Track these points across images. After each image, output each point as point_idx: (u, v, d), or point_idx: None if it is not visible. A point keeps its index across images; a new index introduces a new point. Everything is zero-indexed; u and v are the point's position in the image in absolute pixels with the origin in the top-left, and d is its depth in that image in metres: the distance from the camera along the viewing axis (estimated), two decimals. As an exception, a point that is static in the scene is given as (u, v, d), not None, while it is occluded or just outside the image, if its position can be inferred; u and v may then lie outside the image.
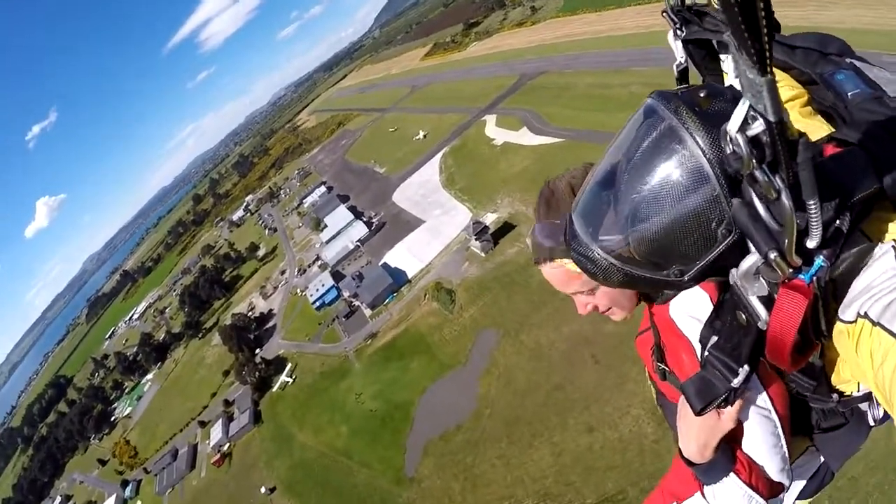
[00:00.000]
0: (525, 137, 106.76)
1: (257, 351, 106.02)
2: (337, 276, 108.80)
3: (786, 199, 1.13)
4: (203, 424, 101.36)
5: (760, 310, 1.44)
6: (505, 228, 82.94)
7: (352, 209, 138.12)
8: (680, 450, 2.12)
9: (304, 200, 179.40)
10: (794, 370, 1.69)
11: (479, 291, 75.38)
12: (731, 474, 1.96)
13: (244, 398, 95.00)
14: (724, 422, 1.94)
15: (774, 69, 1.74)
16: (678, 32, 2.38)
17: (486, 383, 61.86)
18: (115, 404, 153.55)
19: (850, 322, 1.41)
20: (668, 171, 1.40)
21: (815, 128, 1.85)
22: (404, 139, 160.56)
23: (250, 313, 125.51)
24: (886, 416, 2.22)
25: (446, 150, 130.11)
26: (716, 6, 1.79)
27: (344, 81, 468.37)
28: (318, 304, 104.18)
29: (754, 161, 1.12)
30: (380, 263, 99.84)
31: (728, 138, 1.15)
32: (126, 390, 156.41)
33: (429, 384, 67.82)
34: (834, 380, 1.87)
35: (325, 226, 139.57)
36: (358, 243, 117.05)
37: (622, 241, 1.57)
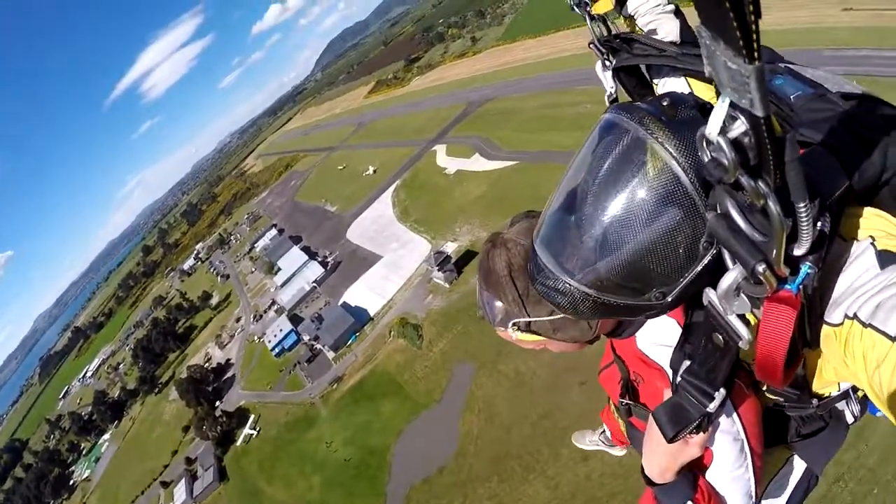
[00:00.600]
0: (478, 163, 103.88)
1: (217, 404, 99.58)
2: (295, 319, 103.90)
3: (773, 205, 1.02)
4: (165, 485, 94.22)
5: (742, 329, 1.33)
6: (467, 256, 78.37)
7: (305, 250, 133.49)
8: (643, 467, 2.05)
9: (255, 245, 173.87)
10: (784, 386, 1.62)
11: (447, 324, 71.04)
12: (689, 503, 1.85)
13: (207, 455, 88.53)
14: (690, 448, 1.81)
15: (706, 85, 1.99)
16: (606, 63, 2.54)
17: (467, 420, 57.34)
18: (73, 467, 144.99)
19: (837, 324, 1.36)
20: (640, 186, 1.32)
21: None
22: (354, 176, 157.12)
23: (207, 364, 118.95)
24: (864, 412, 2.21)
25: (398, 183, 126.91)
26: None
27: (289, 125, 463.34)
28: (277, 350, 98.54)
29: (736, 166, 0.98)
30: (339, 303, 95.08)
31: (705, 143, 1.02)
32: (83, 452, 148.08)
33: (404, 426, 63.00)
34: (816, 385, 1.79)
35: (279, 269, 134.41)
36: (314, 284, 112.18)
37: (595, 269, 1.45)
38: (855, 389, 1.95)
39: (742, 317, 1.32)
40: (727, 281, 1.24)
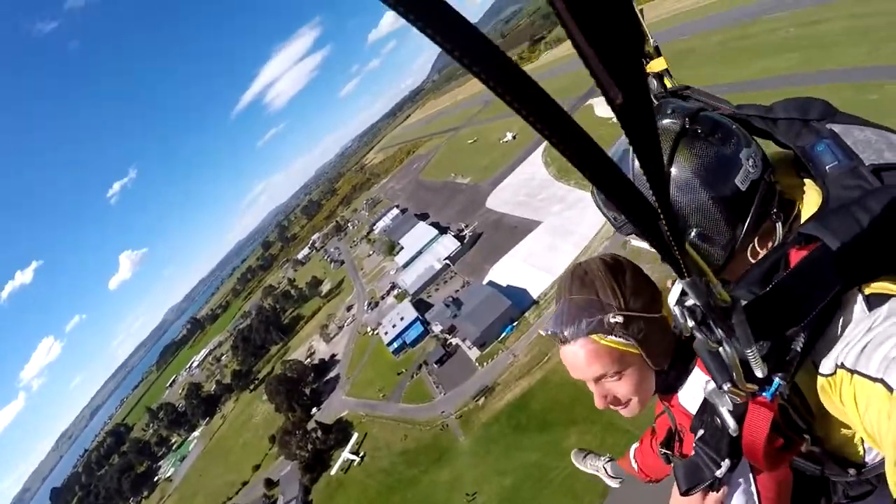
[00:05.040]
0: (653, 106, 79.62)
1: (313, 411, 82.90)
2: (421, 305, 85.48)
3: (727, 347, 1.24)
4: (240, 512, 78.41)
5: (730, 421, 1.53)
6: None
7: (434, 225, 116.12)
8: None
9: (374, 227, 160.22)
10: (774, 469, 1.75)
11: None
12: None
13: (291, 480, 70.45)
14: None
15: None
16: None
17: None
18: (161, 462, 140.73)
19: (830, 374, 1.44)
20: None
21: (801, 191, 1.88)
22: (488, 146, 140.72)
23: (308, 360, 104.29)
24: None
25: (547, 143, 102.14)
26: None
27: (409, 119, 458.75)
28: (395, 345, 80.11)
29: (692, 324, 1.21)
30: (483, 283, 74.91)
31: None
32: (173, 446, 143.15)
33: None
34: (845, 452, 1.84)
35: (401, 248, 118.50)
36: (447, 262, 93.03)
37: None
38: None
39: (735, 411, 1.53)
40: (710, 386, 1.47)
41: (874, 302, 1.40)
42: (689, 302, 1.19)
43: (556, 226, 75.15)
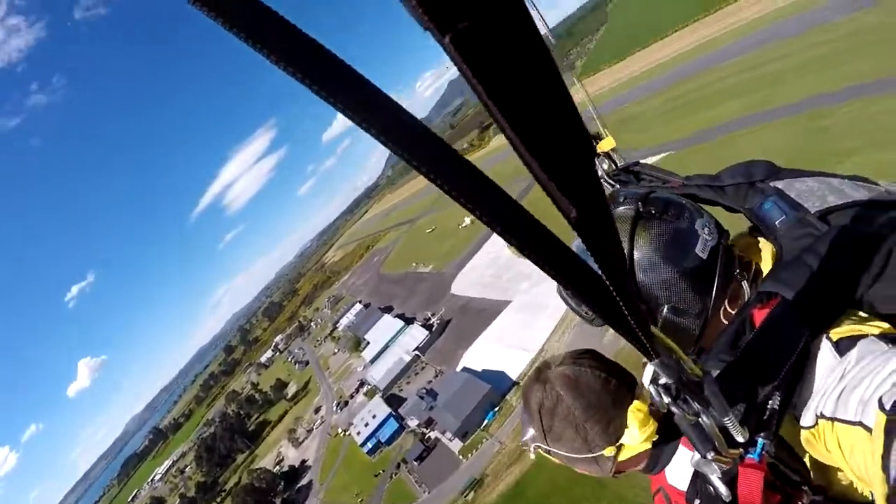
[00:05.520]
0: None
1: None
2: (393, 401, 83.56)
3: (705, 418, 1.26)
4: None
5: (722, 488, 1.52)
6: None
7: (399, 317, 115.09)
8: None
9: (337, 324, 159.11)
10: None
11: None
12: None
13: None
14: None
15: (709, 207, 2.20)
16: None
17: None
18: None
19: (813, 426, 1.46)
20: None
21: (758, 249, 1.99)
22: (447, 233, 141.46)
23: (277, 467, 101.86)
24: None
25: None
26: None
27: (366, 215, 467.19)
28: (370, 445, 77.70)
29: (668, 401, 1.25)
30: (457, 370, 73.11)
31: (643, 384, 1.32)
32: None
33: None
34: (849, 492, 1.78)
35: (367, 343, 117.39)
36: (416, 353, 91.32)
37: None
38: None
39: (726, 476, 1.50)
40: (696, 457, 1.43)
41: (843, 346, 1.43)
42: (663, 380, 1.23)
43: (527, 303, 73.85)
